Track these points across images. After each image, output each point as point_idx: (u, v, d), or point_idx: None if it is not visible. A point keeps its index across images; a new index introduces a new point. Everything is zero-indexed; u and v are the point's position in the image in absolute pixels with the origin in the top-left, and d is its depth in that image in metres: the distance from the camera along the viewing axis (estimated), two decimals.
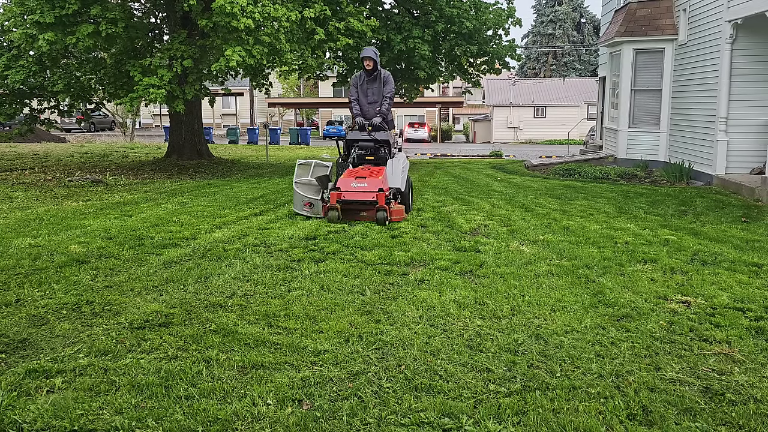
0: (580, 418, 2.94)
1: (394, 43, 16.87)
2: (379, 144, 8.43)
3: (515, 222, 7.88)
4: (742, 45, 11.68)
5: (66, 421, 2.87)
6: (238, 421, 2.92)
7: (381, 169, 8.04)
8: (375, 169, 7.98)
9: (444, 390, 3.22)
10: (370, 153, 8.47)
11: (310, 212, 8.09)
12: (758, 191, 9.98)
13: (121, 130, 37.59)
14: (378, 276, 5.31)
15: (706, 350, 3.78)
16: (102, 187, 11.92)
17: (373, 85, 8.53)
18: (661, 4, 14.82)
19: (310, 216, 8.01)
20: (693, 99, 13.36)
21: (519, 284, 5.08)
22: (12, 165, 16.43)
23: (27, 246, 6.28)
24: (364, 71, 8.55)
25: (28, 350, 3.70)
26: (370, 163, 8.37)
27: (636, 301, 4.69)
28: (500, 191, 11.31)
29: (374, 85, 8.53)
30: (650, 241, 6.76)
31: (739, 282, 5.21)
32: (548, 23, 60.54)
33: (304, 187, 8.23)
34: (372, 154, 8.46)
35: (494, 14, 17.84)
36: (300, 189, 8.22)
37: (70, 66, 15.08)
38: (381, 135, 8.39)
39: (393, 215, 7.66)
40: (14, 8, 12.46)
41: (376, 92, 8.52)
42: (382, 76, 8.51)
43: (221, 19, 11.92)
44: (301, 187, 8.24)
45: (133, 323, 4.12)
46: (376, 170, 7.94)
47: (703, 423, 2.94)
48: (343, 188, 7.71)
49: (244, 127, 44.82)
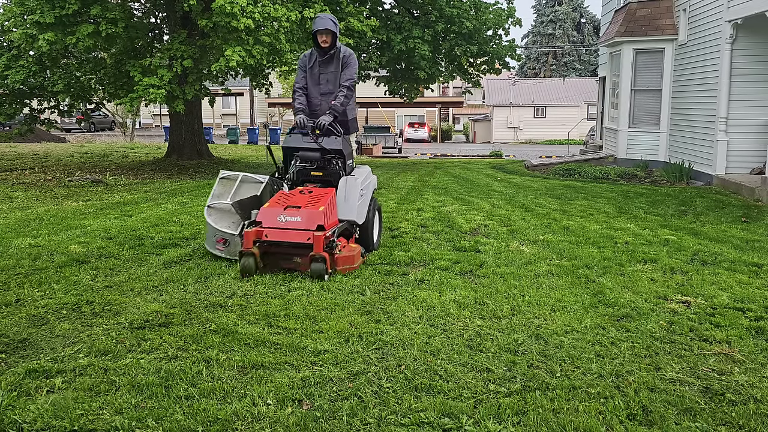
0: (580, 418, 2.94)
1: (394, 43, 16.87)
2: (329, 155, 5.97)
3: (515, 222, 7.88)
4: (742, 45, 11.68)
5: (66, 421, 2.87)
6: (238, 421, 2.92)
7: (327, 192, 5.65)
8: (318, 194, 5.62)
9: (444, 390, 3.22)
10: (318, 167, 6.03)
11: (225, 252, 5.75)
12: (758, 191, 9.98)
13: (121, 130, 37.58)
14: (378, 276, 5.31)
15: (706, 350, 3.79)
16: (102, 187, 11.92)
17: (328, 68, 6.08)
18: (661, 4, 14.82)
19: (229, 258, 5.73)
20: (693, 99, 13.36)
21: (519, 284, 5.08)
22: (12, 165, 16.43)
23: (27, 246, 6.28)
24: (316, 49, 6.07)
25: (28, 350, 3.70)
26: (316, 181, 6.01)
27: (636, 301, 4.69)
28: (500, 191, 11.31)
29: (329, 68, 6.08)
30: (650, 241, 6.76)
31: (739, 282, 5.21)
32: (548, 23, 60.53)
33: (219, 214, 5.92)
34: (320, 168, 6.03)
35: (494, 14, 17.85)
36: (213, 218, 5.87)
37: (70, 66, 15.08)
38: (330, 142, 5.93)
39: (340, 263, 5.30)
40: (14, 8, 12.46)
41: (333, 79, 6.08)
42: (341, 55, 6.06)
43: (221, 19, 11.92)
44: (215, 214, 5.91)
45: (133, 323, 4.12)
46: (318, 195, 5.59)
47: (703, 423, 2.94)
48: (267, 223, 5.31)
49: (244, 127, 44.80)
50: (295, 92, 6.13)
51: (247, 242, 5.19)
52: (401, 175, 15.12)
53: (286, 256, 5.41)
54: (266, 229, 5.27)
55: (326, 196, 5.56)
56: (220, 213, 5.91)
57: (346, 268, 5.37)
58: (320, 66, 6.08)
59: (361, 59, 18.39)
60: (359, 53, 17.87)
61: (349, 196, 5.81)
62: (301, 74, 6.18)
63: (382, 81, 20.28)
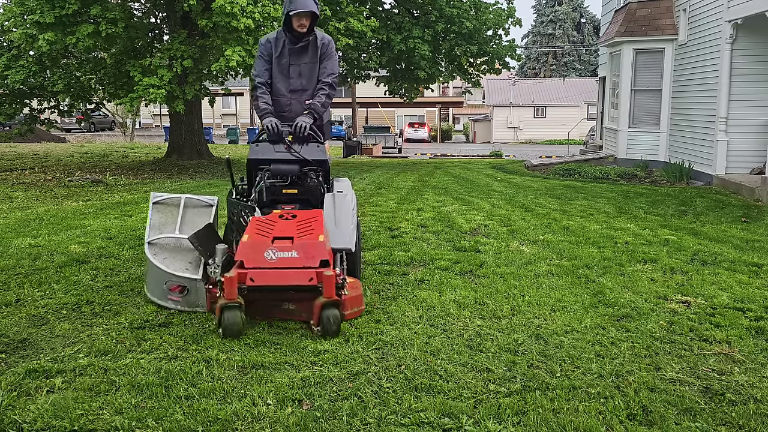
0: (580, 418, 2.94)
1: (394, 43, 16.88)
2: (309, 167, 4.70)
3: (515, 222, 7.88)
4: (742, 45, 11.68)
5: (66, 421, 2.87)
6: (238, 421, 2.92)
7: (315, 216, 4.39)
8: (305, 218, 4.34)
9: (444, 390, 3.22)
10: (291, 183, 4.71)
11: (182, 304, 4.32)
12: (758, 191, 9.98)
13: (121, 130, 37.59)
14: (378, 276, 5.31)
15: (706, 350, 3.79)
16: (102, 187, 11.92)
17: (302, 59, 4.79)
18: (661, 4, 14.82)
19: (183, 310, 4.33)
20: (693, 99, 13.36)
21: (519, 284, 5.08)
22: (12, 165, 16.43)
23: (27, 246, 6.28)
24: (286, 34, 4.75)
25: (28, 350, 3.70)
26: (289, 201, 4.71)
27: (636, 301, 4.69)
28: (500, 191, 11.31)
29: (303, 59, 4.79)
30: (650, 241, 6.76)
31: (739, 282, 5.21)
32: (548, 23, 60.54)
33: (167, 252, 4.49)
34: (295, 183, 4.72)
35: (494, 14, 17.86)
36: (160, 257, 4.44)
37: (70, 66, 15.09)
38: (312, 151, 4.69)
39: (348, 307, 4.12)
40: (14, 8, 12.47)
41: (307, 72, 4.81)
42: (318, 43, 4.80)
43: (221, 19, 11.92)
44: (161, 252, 4.48)
45: (133, 323, 4.12)
46: (306, 220, 4.32)
47: (703, 423, 2.94)
48: (251, 262, 3.96)
49: (244, 127, 44.81)
50: (257, 88, 4.78)
51: (230, 291, 3.82)
52: (401, 175, 15.12)
53: (275, 302, 4.17)
54: (251, 271, 3.90)
55: (317, 220, 4.30)
56: (168, 251, 4.49)
57: (354, 312, 4.18)
58: (291, 55, 4.76)
59: (361, 59, 18.41)
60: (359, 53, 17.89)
61: (341, 219, 4.57)
62: (263, 65, 4.82)
63: (382, 81, 20.29)
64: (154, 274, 4.38)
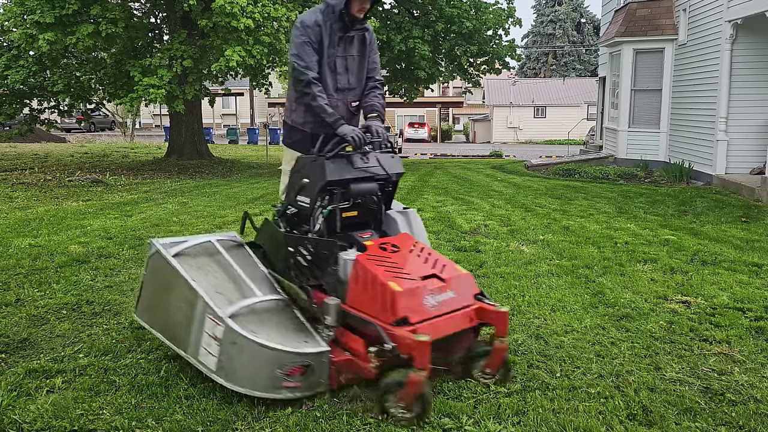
0: (580, 418, 2.94)
1: (394, 43, 16.88)
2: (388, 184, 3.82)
3: (515, 222, 7.88)
4: (742, 45, 11.68)
5: (66, 421, 2.87)
6: (238, 421, 2.92)
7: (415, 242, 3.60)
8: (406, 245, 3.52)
9: (444, 390, 3.22)
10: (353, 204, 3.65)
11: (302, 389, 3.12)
12: (758, 191, 9.98)
13: (121, 130, 37.58)
14: None
15: (706, 350, 3.78)
16: (102, 187, 11.92)
17: (349, 50, 3.79)
18: (661, 4, 14.83)
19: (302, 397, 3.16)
20: (693, 99, 13.36)
21: (519, 284, 5.08)
22: (12, 165, 16.43)
23: (27, 246, 6.28)
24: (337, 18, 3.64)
25: (28, 350, 3.70)
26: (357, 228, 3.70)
27: (636, 301, 4.69)
28: (500, 191, 11.31)
29: (350, 51, 3.79)
30: (650, 241, 6.76)
31: (739, 282, 5.21)
32: (548, 23, 60.53)
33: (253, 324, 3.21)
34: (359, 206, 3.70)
35: (494, 14, 17.87)
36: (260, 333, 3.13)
37: (70, 66, 15.09)
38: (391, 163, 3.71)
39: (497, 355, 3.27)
40: (14, 8, 12.47)
41: (355, 67, 3.84)
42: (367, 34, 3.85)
43: (221, 19, 11.93)
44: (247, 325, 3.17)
45: (133, 323, 4.12)
46: (423, 248, 3.52)
47: (703, 423, 2.94)
48: (417, 315, 3.05)
49: (244, 127, 44.81)
50: (311, 84, 3.58)
51: (422, 359, 2.86)
52: None
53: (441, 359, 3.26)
54: (419, 324, 3.01)
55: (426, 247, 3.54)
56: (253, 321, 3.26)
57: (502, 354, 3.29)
58: (339, 44, 3.71)
59: None
60: None
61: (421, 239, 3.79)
62: (313, 55, 3.63)
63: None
64: (258, 358, 3.05)
